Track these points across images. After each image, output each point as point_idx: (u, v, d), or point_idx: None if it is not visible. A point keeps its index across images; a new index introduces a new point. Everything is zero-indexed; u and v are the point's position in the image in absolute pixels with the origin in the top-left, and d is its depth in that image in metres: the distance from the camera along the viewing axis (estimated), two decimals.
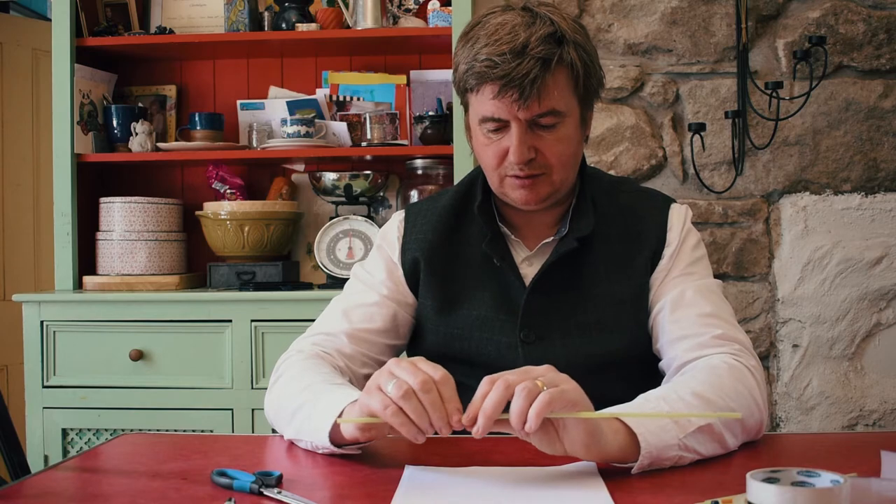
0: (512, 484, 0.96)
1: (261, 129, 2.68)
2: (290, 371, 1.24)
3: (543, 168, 1.27)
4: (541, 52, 1.19)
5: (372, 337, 1.34)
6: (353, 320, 1.34)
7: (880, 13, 2.65)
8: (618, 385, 1.28)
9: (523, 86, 1.19)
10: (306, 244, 2.78)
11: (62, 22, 2.52)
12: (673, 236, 1.34)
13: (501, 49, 1.19)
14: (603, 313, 1.30)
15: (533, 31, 1.20)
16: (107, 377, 2.37)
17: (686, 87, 2.70)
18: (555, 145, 1.25)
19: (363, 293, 1.38)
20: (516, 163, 1.24)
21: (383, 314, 1.36)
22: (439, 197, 1.44)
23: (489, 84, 1.21)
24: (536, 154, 1.25)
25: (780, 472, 0.83)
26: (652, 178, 2.70)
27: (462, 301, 1.34)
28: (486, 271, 1.34)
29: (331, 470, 1.05)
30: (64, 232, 2.53)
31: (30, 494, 0.97)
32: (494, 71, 1.19)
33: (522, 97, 1.19)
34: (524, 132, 1.23)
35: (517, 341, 1.30)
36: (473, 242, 1.36)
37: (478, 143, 1.31)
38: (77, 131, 2.55)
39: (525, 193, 1.28)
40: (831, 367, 2.65)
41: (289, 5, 2.61)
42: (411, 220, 1.41)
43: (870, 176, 2.67)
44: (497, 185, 1.31)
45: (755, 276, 2.69)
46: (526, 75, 1.18)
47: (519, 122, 1.23)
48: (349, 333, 1.33)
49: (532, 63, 1.18)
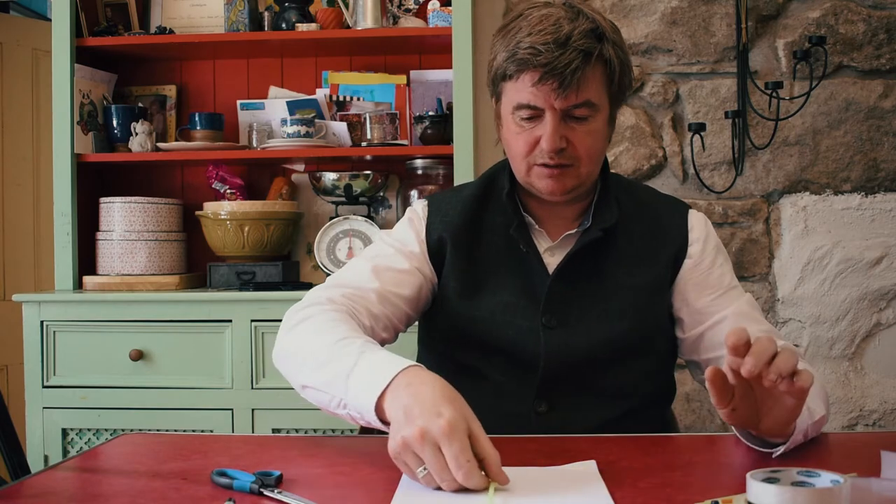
0: (512, 484, 0.96)
1: (261, 129, 2.68)
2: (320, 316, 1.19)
3: (572, 159, 1.30)
4: (583, 45, 1.23)
5: (399, 302, 1.34)
6: (384, 281, 1.33)
7: (880, 13, 2.65)
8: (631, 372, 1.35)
9: (564, 75, 1.22)
10: (306, 244, 2.78)
11: (62, 22, 2.52)
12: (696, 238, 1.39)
13: (546, 38, 1.23)
14: (622, 303, 1.34)
15: (576, 25, 1.24)
16: (107, 377, 2.37)
17: (686, 87, 2.70)
18: (585, 138, 1.29)
19: (394, 257, 1.37)
20: (548, 150, 1.27)
21: (412, 283, 1.36)
22: (463, 188, 1.47)
23: (530, 71, 1.25)
24: (567, 145, 1.28)
25: (780, 472, 0.83)
26: (652, 178, 2.70)
27: (485, 286, 1.36)
28: (510, 259, 1.36)
29: (331, 470, 1.05)
30: (64, 232, 2.53)
31: (30, 494, 0.97)
32: (538, 58, 1.23)
33: (562, 87, 1.23)
34: (558, 121, 1.27)
35: (539, 326, 1.32)
36: (497, 231, 1.38)
37: (508, 132, 1.33)
38: (77, 131, 2.55)
39: (552, 183, 1.31)
40: (831, 368, 2.65)
41: (289, 5, 2.61)
42: (435, 206, 1.43)
43: (870, 176, 2.66)
44: (524, 174, 1.33)
45: (755, 276, 2.69)
46: (568, 65, 1.22)
47: (554, 111, 1.26)
48: (380, 293, 1.31)
49: (574, 54, 1.22)
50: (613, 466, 1.02)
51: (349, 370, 1.06)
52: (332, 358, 1.10)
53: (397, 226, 1.44)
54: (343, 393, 1.06)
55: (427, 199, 1.46)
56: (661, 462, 1.03)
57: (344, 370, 1.07)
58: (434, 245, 1.38)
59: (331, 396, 1.09)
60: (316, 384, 1.11)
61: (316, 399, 1.13)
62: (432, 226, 1.40)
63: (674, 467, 1.02)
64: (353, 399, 1.04)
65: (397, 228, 1.43)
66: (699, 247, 1.38)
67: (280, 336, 1.24)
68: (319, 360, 1.11)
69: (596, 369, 1.32)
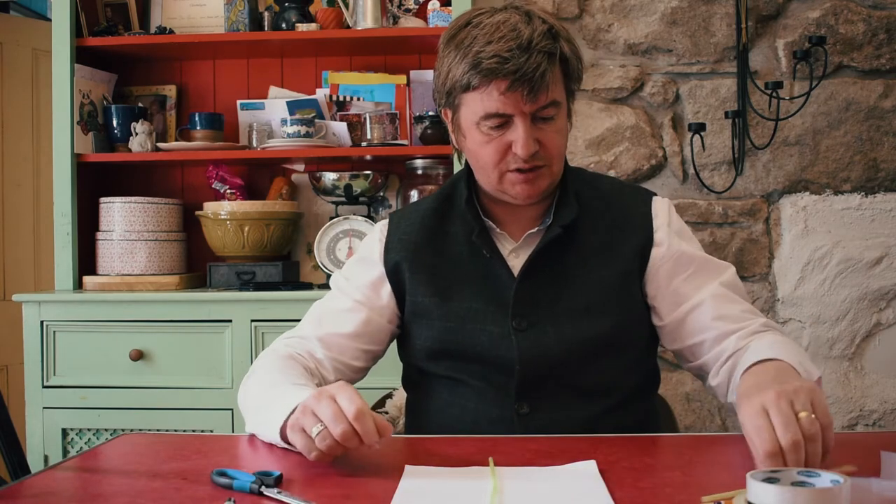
0: (512, 484, 0.96)
1: (261, 129, 2.68)
2: (261, 369, 1.31)
3: (545, 160, 1.30)
4: (545, 47, 1.24)
5: (342, 341, 1.37)
6: (324, 325, 1.38)
7: (880, 13, 2.65)
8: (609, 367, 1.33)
9: (534, 79, 1.22)
10: (306, 244, 2.78)
11: (62, 22, 2.52)
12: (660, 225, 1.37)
13: (509, 45, 1.22)
14: (590, 299, 1.33)
15: (534, 27, 1.24)
16: (107, 377, 2.37)
17: (686, 87, 2.70)
18: (554, 137, 1.29)
19: (337, 299, 1.42)
20: (523, 156, 1.27)
21: (355, 319, 1.38)
22: (421, 202, 1.48)
23: (498, 80, 1.24)
24: (539, 147, 1.28)
25: (781, 472, 0.83)
26: (652, 178, 2.70)
27: (452, 296, 1.35)
28: (474, 266, 1.36)
29: (331, 470, 1.05)
30: (64, 232, 2.53)
31: (30, 494, 0.97)
32: (506, 66, 1.22)
33: (533, 91, 1.23)
34: (530, 125, 1.26)
35: (510, 330, 1.31)
36: (458, 240, 1.38)
37: (475, 142, 1.31)
38: (77, 131, 2.55)
39: (527, 188, 1.30)
40: (831, 367, 2.65)
41: (289, 5, 2.61)
42: (394, 224, 1.43)
43: (870, 176, 2.66)
44: (496, 183, 1.32)
45: (755, 276, 2.69)
46: (536, 69, 1.22)
47: (524, 115, 1.26)
48: (320, 338, 1.37)
49: (540, 57, 1.23)
50: (613, 466, 1.02)
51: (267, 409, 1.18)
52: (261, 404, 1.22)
53: (348, 262, 1.46)
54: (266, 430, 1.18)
55: (390, 216, 1.47)
56: (661, 462, 1.03)
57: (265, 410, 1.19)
58: (392, 268, 1.39)
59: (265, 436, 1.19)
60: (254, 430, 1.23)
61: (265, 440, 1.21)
62: (390, 246, 1.41)
63: (674, 467, 1.02)
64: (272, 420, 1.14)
65: (347, 265, 1.46)
66: (664, 231, 1.37)
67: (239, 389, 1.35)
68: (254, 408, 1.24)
69: (573, 367, 1.31)
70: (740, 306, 1.34)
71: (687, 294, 1.34)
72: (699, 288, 1.34)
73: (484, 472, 1.01)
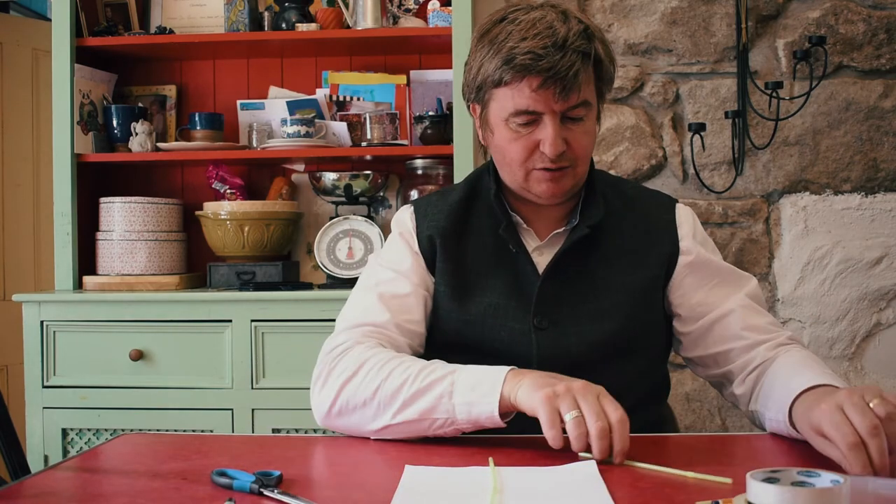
0: (512, 484, 0.96)
1: (261, 129, 2.68)
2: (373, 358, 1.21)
3: (570, 160, 1.30)
4: (580, 47, 1.23)
5: (413, 327, 1.34)
6: (394, 311, 1.32)
7: (880, 13, 2.65)
8: (624, 371, 1.33)
9: (567, 78, 1.22)
10: (306, 244, 2.78)
11: (62, 22, 2.52)
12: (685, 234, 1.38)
13: (544, 42, 1.22)
14: (614, 301, 1.33)
15: (570, 27, 1.24)
16: (107, 377, 2.37)
17: (686, 87, 2.70)
18: (582, 137, 1.29)
19: (395, 282, 1.36)
20: (551, 155, 1.27)
21: (418, 304, 1.35)
22: (448, 192, 1.46)
23: (530, 77, 1.23)
24: (566, 147, 1.28)
25: (780, 472, 0.83)
26: (652, 178, 2.70)
27: (474, 289, 1.35)
28: (499, 260, 1.36)
29: (331, 470, 1.05)
30: (64, 232, 2.53)
31: (30, 494, 0.97)
32: (540, 63, 1.22)
33: (565, 90, 1.23)
34: (559, 124, 1.26)
35: (530, 327, 1.31)
36: (485, 233, 1.37)
37: (502, 139, 1.31)
38: (77, 131, 2.55)
39: (552, 186, 1.31)
40: (831, 367, 2.64)
41: (289, 5, 2.61)
42: (422, 211, 1.42)
43: (870, 176, 2.67)
44: (521, 180, 1.32)
45: (755, 276, 2.68)
46: (570, 68, 1.22)
47: (554, 114, 1.26)
48: (396, 324, 1.31)
49: (574, 56, 1.22)
50: (613, 466, 1.02)
51: (449, 392, 1.13)
52: (422, 390, 1.14)
53: (388, 244, 1.42)
54: (449, 413, 1.13)
55: (412, 204, 1.45)
56: (661, 462, 1.03)
57: (443, 393, 1.13)
58: (426, 248, 1.37)
59: (430, 422, 1.14)
60: (407, 418, 1.15)
61: (403, 432, 1.16)
62: (421, 229, 1.39)
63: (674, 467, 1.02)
64: (464, 413, 1.11)
65: (389, 248, 1.41)
66: (689, 241, 1.38)
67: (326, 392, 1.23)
68: (406, 397, 1.15)
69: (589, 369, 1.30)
70: (766, 318, 1.36)
71: (714, 303, 1.35)
72: (726, 297, 1.36)
73: (484, 472, 1.00)
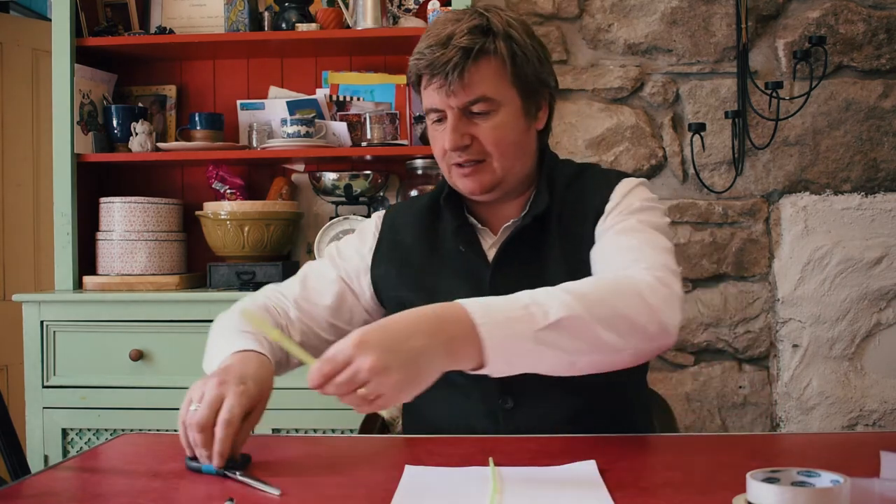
0: (512, 484, 0.96)
1: (261, 129, 2.68)
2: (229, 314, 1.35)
3: (482, 155, 1.33)
4: (463, 42, 1.28)
5: (316, 310, 1.40)
6: (306, 288, 1.42)
7: (880, 13, 2.65)
8: None
9: (445, 72, 1.28)
10: (306, 244, 2.78)
11: (62, 22, 2.52)
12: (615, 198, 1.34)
13: (429, 42, 1.30)
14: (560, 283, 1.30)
15: (459, 25, 1.29)
16: (107, 377, 2.37)
17: (686, 87, 2.70)
18: (491, 132, 1.32)
19: (325, 267, 1.45)
20: (449, 149, 1.31)
21: (334, 291, 1.42)
22: (417, 199, 1.52)
23: (424, 76, 1.32)
24: (472, 141, 1.32)
25: (780, 472, 0.83)
26: (652, 177, 2.70)
27: (439, 290, 1.36)
28: (459, 261, 1.38)
29: (331, 470, 1.05)
30: (64, 232, 2.53)
31: (30, 494, 0.97)
32: (421, 62, 1.30)
33: (447, 83, 1.28)
34: (457, 119, 1.31)
35: None
36: (447, 237, 1.41)
37: (430, 137, 1.38)
38: (77, 131, 2.55)
39: (468, 182, 1.34)
40: (831, 367, 2.65)
41: (289, 5, 2.61)
42: (388, 220, 1.47)
43: (870, 176, 2.67)
44: (448, 176, 1.38)
45: (755, 276, 2.69)
46: (447, 63, 1.27)
47: (452, 109, 1.31)
48: (297, 299, 1.40)
49: (454, 52, 1.27)
50: (613, 466, 1.02)
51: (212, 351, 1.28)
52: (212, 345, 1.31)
53: (352, 236, 1.49)
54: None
55: (385, 212, 1.50)
56: (661, 462, 1.03)
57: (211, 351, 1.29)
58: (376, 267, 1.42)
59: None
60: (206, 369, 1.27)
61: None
62: (381, 246, 1.44)
63: (674, 467, 1.02)
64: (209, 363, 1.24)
65: (347, 239, 1.49)
66: (614, 203, 1.34)
67: None
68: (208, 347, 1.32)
69: None
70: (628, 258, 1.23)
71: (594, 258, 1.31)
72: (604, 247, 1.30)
73: (484, 472, 1.01)
